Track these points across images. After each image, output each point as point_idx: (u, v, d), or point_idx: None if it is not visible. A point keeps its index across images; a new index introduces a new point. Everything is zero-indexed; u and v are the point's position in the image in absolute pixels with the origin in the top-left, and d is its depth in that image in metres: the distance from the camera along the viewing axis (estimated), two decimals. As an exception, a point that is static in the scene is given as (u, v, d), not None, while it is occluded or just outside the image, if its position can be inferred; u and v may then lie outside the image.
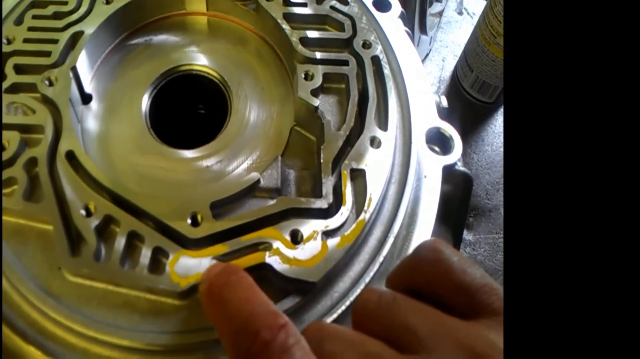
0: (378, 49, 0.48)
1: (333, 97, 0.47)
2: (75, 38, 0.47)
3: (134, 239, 0.38)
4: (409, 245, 0.43)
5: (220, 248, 0.37)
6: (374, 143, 0.43)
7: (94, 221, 0.38)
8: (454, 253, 0.30)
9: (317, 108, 0.45)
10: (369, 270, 0.39)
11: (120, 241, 0.38)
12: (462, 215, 0.50)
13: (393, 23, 0.54)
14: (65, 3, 0.49)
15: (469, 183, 0.47)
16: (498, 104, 0.91)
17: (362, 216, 0.40)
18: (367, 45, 0.49)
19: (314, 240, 0.38)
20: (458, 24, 1.00)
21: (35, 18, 0.48)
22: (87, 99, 0.48)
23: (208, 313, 0.32)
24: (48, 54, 0.46)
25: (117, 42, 0.52)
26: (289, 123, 0.47)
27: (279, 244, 0.38)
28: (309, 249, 0.38)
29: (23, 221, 0.40)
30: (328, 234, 0.39)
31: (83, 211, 0.39)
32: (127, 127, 0.47)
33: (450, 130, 0.47)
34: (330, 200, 0.40)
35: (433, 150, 0.47)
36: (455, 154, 0.46)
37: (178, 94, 0.52)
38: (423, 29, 0.81)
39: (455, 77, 0.94)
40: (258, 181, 0.41)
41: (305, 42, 0.48)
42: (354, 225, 0.39)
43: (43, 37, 0.47)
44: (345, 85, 0.47)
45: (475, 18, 1.00)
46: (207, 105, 0.58)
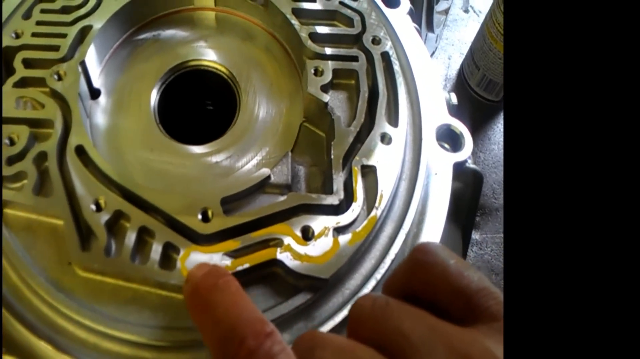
0: (388, 45, 0.48)
1: (343, 93, 0.47)
2: (84, 32, 0.47)
3: (145, 234, 0.38)
4: (419, 242, 0.42)
5: (232, 243, 0.37)
6: (385, 139, 0.43)
7: (104, 216, 0.38)
8: (451, 256, 0.29)
9: (327, 104, 0.45)
10: (380, 267, 0.39)
11: (131, 237, 0.37)
12: (471, 213, 0.49)
13: (402, 19, 0.54)
14: (74, -3, 0.49)
15: (479, 180, 0.47)
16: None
17: (373, 213, 0.39)
18: (376, 41, 0.48)
19: (325, 237, 0.38)
20: (464, 22, 1.00)
21: (44, 12, 0.48)
22: (95, 94, 0.48)
23: (192, 314, 0.32)
24: (57, 48, 0.46)
25: (125, 36, 0.51)
26: (298, 119, 0.47)
27: (290, 240, 0.38)
28: (320, 245, 0.38)
29: (33, 216, 0.39)
30: (339, 230, 0.39)
31: (93, 206, 0.38)
32: (135, 122, 0.47)
33: (461, 127, 0.47)
34: (341, 196, 0.40)
35: (443, 147, 0.46)
36: (466, 151, 0.46)
37: (186, 89, 0.52)
38: (430, 27, 0.81)
39: (462, 75, 0.93)
40: (269, 177, 0.41)
41: (315, 37, 0.48)
42: (366, 222, 0.39)
43: (51, 31, 0.47)
44: (355, 81, 0.47)
45: (482, 16, 1.00)
46: (215, 101, 0.58)
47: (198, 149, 0.46)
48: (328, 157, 0.42)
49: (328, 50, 0.47)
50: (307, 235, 0.38)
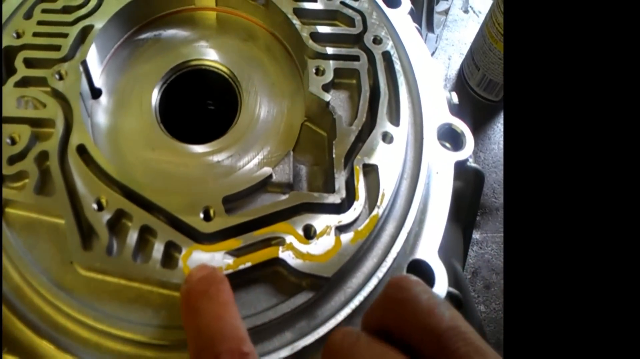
0: (389, 45, 0.48)
1: (344, 92, 0.47)
2: (85, 32, 0.47)
3: (146, 233, 0.38)
4: (421, 242, 0.42)
5: (233, 242, 0.37)
6: (386, 138, 0.43)
7: (106, 216, 0.38)
8: (424, 291, 0.28)
9: (328, 103, 0.45)
10: (382, 266, 0.39)
11: (133, 236, 0.37)
12: (472, 212, 0.49)
13: (403, 19, 0.54)
14: (75, -3, 0.49)
15: (481, 179, 0.47)
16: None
17: (375, 212, 0.39)
18: (377, 41, 0.48)
19: (327, 235, 0.38)
20: (464, 22, 1.00)
21: (45, 12, 0.48)
22: (96, 93, 0.48)
23: (182, 317, 0.32)
24: (58, 48, 0.46)
25: (126, 36, 0.51)
26: (300, 118, 0.47)
27: (292, 239, 0.38)
28: (323, 244, 0.38)
29: (34, 215, 0.39)
30: (341, 229, 0.39)
31: (95, 205, 0.38)
32: (137, 121, 0.47)
33: (462, 126, 0.47)
34: (343, 195, 0.40)
35: (444, 146, 0.46)
36: (467, 150, 0.46)
37: (188, 89, 0.52)
38: (430, 27, 0.81)
39: (462, 75, 0.93)
40: (270, 176, 0.41)
41: (316, 37, 0.48)
42: (367, 221, 0.39)
43: (53, 31, 0.47)
44: (356, 81, 0.47)
45: (481, 16, 1.00)
46: (216, 101, 0.58)
47: (199, 148, 0.46)
48: (329, 156, 0.42)
49: (329, 50, 0.47)
50: (309, 234, 0.38)
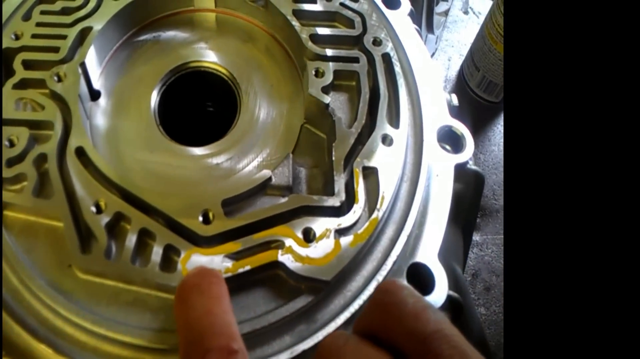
0: (389, 46, 0.48)
1: (343, 94, 0.47)
2: (84, 34, 0.47)
3: (145, 236, 0.38)
4: (421, 245, 0.42)
5: (232, 246, 0.37)
6: (386, 140, 0.43)
7: (105, 219, 0.38)
8: (410, 295, 0.29)
9: (327, 105, 0.44)
10: (382, 269, 0.39)
11: (131, 239, 0.37)
12: (473, 214, 0.49)
13: (402, 20, 0.54)
14: (74, -2, 0.49)
15: (481, 182, 0.47)
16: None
17: (375, 215, 0.39)
18: (377, 43, 0.48)
19: (327, 238, 0.38)
20: (464, 24, 1.00)
21: (44, 14, 0.48)
22: (95, 95, 0.47)
23: (174, 310, 0.32)
24: (56, 50, 0.45)
25: (125, 38, 0.51)
26: (299, 120, 0.47)
27: (292, 242, 0.37)
28: (322, 247, 0.37)
29: (33, 218, 0.39)
30: (341, 232, 0.38)
31: (93, 208, 0.38)
32: (136, 123, 0.47)
33: (462, 129, 0.47)
34: (343, 198, 0.40)
35: (444, 149, 0.46)
36: (467, 153, 0.46)
37: (187, 91, 0.51)
38: (430, 28, 0.81)
39: (462, 76, 0.93)
40: (270, 179, 0.41)
41: (315, 39, 0.48)
42: (367, 223, 0.39)
43: (51, 32, 0.46)
44: (356, 83, 0.47)
45: (481, 17, 1.00)
46: (216, 103, 0.58)
47: (198, 151, 0.45)
48: (329, 158, 0.42)
49: (329, 52, 0.47)
50: (308, 237, 0.38)
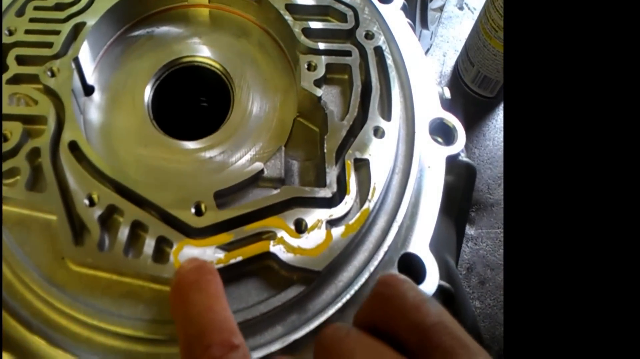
0: (381, 40, 0.48)
1: (336, 87, 0.47)
2: (77, 29, 0.47)
3: (138, 229, 0.38)
4: (412, 235, 0.42)
5: (224, 237, 0.37)
6: (378, 133, 0.43)
7: (97, 211, 0.38)
8: (411, 288, 0.29)
9: (320, 98, 0.45)
10: (374, 259, 0.39)
11: (124, 231, 0.37)
12: (465, 206, 0.49)
13: (395, 14, 0.54)
14: (67, -6, 0.49)
15: (472, 173, 0.47)
16: (499, 99, 0.91)
17: (366, 206, 0.40)
18: (369, 36, 0.48)
19: (318, 229, 0.38)
20: (459, 19, 1.00)
21: (37, 9, 0.48)
22: (89, 90, 0.48)
23: (171, 307, 0.32)
24: (50, 45, 0.46)
25: (119, 33, 0.51)
26: (292, 114, 0.47)
27: (283, 233, 0.38)
28: (314, 238, 0.38)
29: (26, 212, 0.40)
30: (332, 223, 0.39)
31: (86, 201, 0.38)
32: (129, 118, 0.47)
33: (454, 121, 0.47)
34: (334, 189, 0.40)
35: (436, 141, 0.47)
36: (459, 144, 0.46)
37: (180, 86, 0.52)
38: (424, 23, 0.81)
39: (456, 71, 0.94)
40: (262, 171, 0.41)
41: (308, 32, 0.48)
42: (359, 214, 0.39)
43: (45, 28, 0.47)
44: (348, 76, 0.47)
45: (476, 13, 1.00)
46: (209, 97, 0.58)
47: (192, 144, 0.46)
48: (321, 150, 0.42)
49: (321, 45, 0.47)
50: (300, 228, 0.38)
